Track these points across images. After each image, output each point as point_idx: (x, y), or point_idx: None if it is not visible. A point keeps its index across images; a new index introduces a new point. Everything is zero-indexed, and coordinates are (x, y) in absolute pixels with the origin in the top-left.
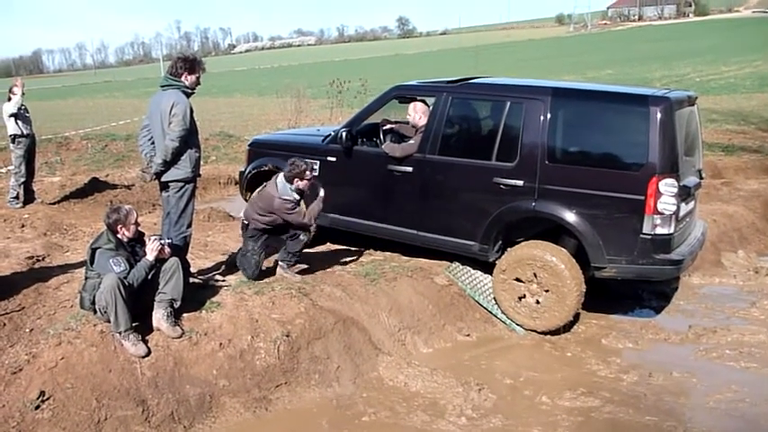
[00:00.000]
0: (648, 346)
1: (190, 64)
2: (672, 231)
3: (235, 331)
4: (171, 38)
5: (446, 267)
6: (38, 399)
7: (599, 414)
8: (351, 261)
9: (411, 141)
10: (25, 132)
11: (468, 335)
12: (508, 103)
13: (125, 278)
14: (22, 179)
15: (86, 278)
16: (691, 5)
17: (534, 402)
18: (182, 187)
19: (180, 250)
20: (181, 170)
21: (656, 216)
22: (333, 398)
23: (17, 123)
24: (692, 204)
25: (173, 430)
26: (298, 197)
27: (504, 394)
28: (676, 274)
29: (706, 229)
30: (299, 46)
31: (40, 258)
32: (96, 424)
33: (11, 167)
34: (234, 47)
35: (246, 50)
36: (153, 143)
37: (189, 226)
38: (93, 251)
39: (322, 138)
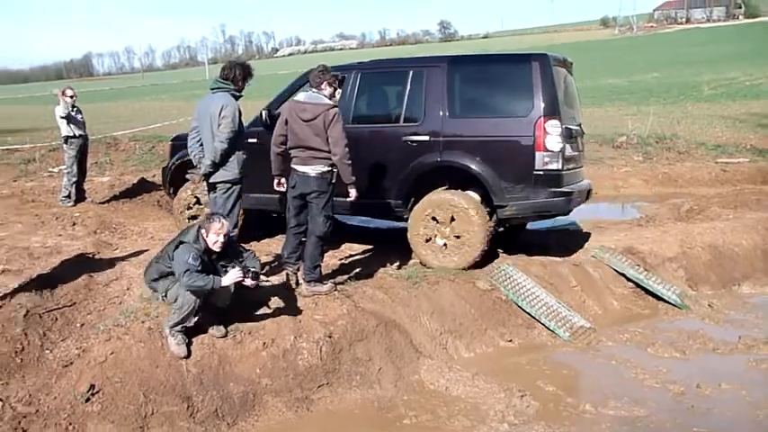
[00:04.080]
0: (696, 356)
1: (240, 69)
2: (560, 167)
3: (278, 331)
4: (216, 42)
5: (488, 272)
6: (88, 392)
7: (644, 424)
8: (392, 263)
9: None
10: (77, 134)
11: (510, 340)
12: (411, 72)
13: (189, 270)
14: (74, 179)
15: (162, 260)
16: (740, 7)
17: (578, 410)
18: (229, 188)
19: None
20: (228, 171)
21: (545, 153)
22: (374, 400)
23: (69, 125)
24: (577, 150)
25: (217, 427)
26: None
27: (546, 401)
28: (567, 207)
29: (590, 185)
30: (341, 50)
31: (91, 256)
32: (143, 418)
33: (63, 167)
34: (277, 50)
35: (289, 54)
36: (201, 145)
37: (235, 227)
38: (180, 243)
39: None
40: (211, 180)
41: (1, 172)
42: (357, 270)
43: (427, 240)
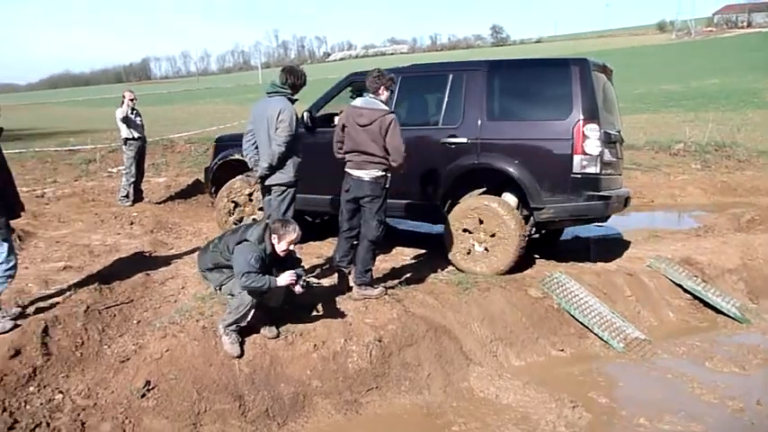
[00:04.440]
0: (756, 372)
1: (296, 74)
2: (598, 171)
3: (329, 333)
4: (269, 46)
5: (540, 280)
6: (144, 387)
7: None
8: (443, 269)
9: None
10: (135, 136)
11: (562, 350)
12: (450, 76)
13: (249, 272)
14: (132, 179)
15: (219, 250)
16: None
17: (632, 424)
18: (284, 191)
19: None
20: (284, 174)
21: (583, 156)
22: (423, 405)
23: (128, 128)
24: (615, 156)
25: (267, 427)
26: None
27: (599, 413)
28: (605, 212)
29: (629, 193)
30: (391, 54)
31: (147, 254)
32: (196, 415)
33: (122, 168)
34: (329, 55)
35: (341, 58)
36: (256, 148)
37: None
38: (245, 240)
39: None
40: (267, 182)
41: (63, 171)
42: (408, 275)
43: (462, 244)
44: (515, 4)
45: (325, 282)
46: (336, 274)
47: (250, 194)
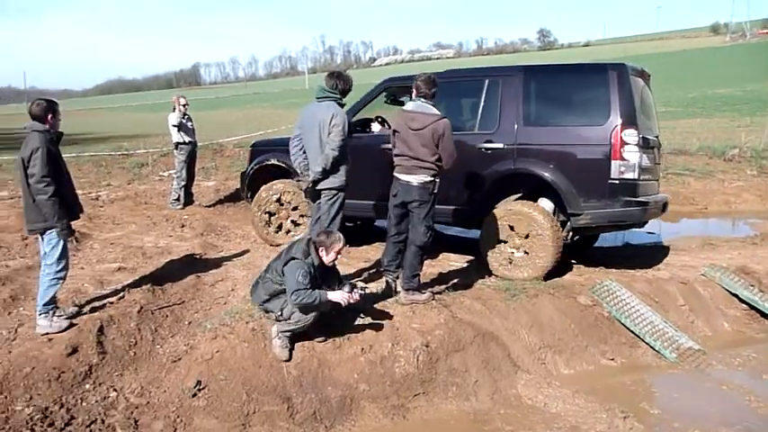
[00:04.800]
0: None
1: (345, 80)
2: (636, 177)
3: (376, 338)
4: (316, 51)
5: (590, 287)
6: (195, 387)
7: None
8: (490, 274)
9: None
10: (187, 140)
11: (612, 359)
12: (487, 81)
13: (299, 290)
14: (183, 183)
15: (271, 278)
16: None
17: None
18: (334, 195)
19: None
20: (336, 179)
21: (621, 162)
22: (470, 412)
23: (180, 132)
24: (653, 161)
25: (315, 429)
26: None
27: (651, 425)
28: (643, 217)
29: (667, 199)
30: (437, 59)
31: (198, 257)
32: (245, 416)
33: (173, 171)
34: (374, 60)
35: (386, 63)
36: (304, 153)
37: None
38: (292, 259)
39: None
40: (319, 187)
41: (117, 175)
42: (455, 280)
43: (498, 250)
44: (563, 7)
45: (372, 286)
46: (384, 279)
47: (278, 199)
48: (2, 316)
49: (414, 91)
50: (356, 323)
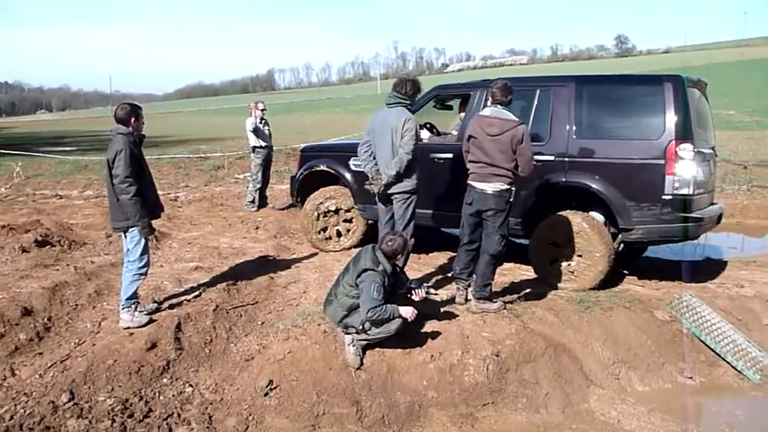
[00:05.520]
0: None
1: (414, 86)
2: (691, 192)
3: (446, 345)
4: (388, 58)
5: (668, 302)
6: (267, 386)
7: None
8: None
9: (453, 133)
10: (263, 144)
11: (690, 377)
12: (538, 91)
13: (374, 307)
14: (258, 186)
15: (345, 293)
16: None
17: None
18: (407, 198)
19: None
20: (408, 182)
21: (675, 178)
22: (540, 424)
23: (257, 137)
24: (708, 174)
25: None
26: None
27: None
28: (696, 233)
29: (722, 209)
30: (510, 65)
31: (271, 258)
32: (315, 417)
33: (248, 174)
34: (447, 66)
35: (459, 69)
36: (374, 158)
37: (411, 237)
38: (364, 271)
39: None
40: (391, 191)
41: (194, 177)
42: (527, 290)
43: (551, 261)
44: (643, 12)
45: (443, 293)
46: (455, 286)
47: (328, 205)
48: (87, 309)
49: (490, 98)
50: (426, 330)
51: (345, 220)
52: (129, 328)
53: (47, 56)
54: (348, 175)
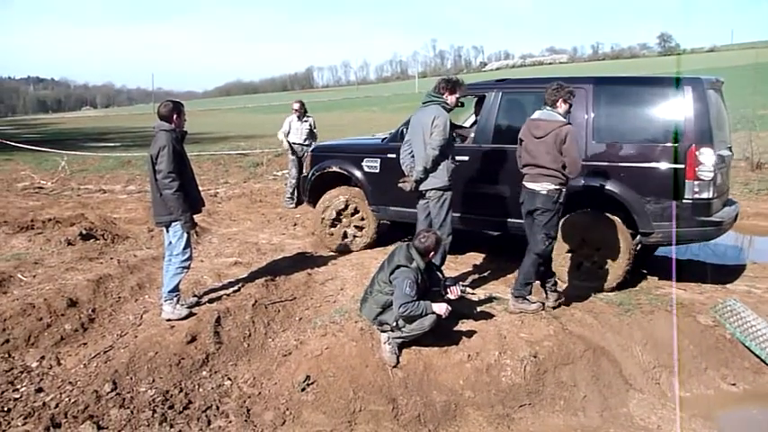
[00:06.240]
0: None
1: (452, 85)
2: (711, 196)
3: (483, 345)
4: (426, 56)
5: (712, 306)
6: (304, 382)
7: None
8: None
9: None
10: (295, 141)
11: (733, 384)
12: None
13: (406, 303)
14: (294, 182)
15: (379, 290)
16: None
17: None
18: (441, 196)
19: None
20: (438, 179)
21: (695, 182)
22: (577, 427)
23: (285, 136)
24: (725, 175)
25: None
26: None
27: None
28: (716, 235)
29: (738, 209)
30: (550, 64)
31: (309, 255)
32: (351, 414)
33: (286, 171)
34: (485, 64)
35: (497, 68)
36: (413, 157)
37: (449, 235)
38: (397, 267)
39: (380, 139)
40: (422, 187)
41: (234, 173)
42: (566, 291)
43: (568, 259)
44: (687, 10)
45: (480, 292)
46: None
47: (340, 205)
48: (129, 302)
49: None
50: (463, 329)
51: (357, 221)
52: (170, 320)
53: (91, 53)
54: (360, 176)
